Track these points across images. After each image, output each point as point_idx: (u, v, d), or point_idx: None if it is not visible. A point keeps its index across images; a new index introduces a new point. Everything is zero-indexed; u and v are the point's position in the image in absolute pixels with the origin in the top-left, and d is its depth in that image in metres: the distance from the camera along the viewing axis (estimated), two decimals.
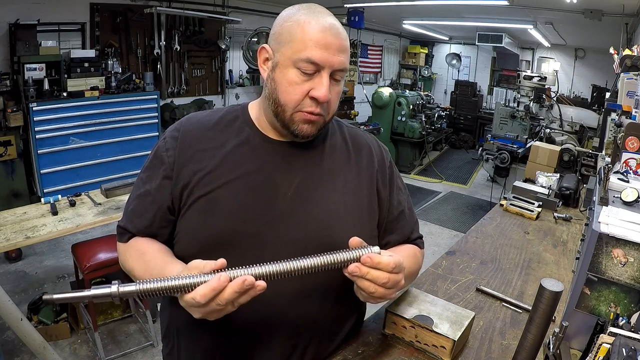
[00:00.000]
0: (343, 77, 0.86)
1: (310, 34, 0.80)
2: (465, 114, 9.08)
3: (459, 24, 6.99)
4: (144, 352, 2.55)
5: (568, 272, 1.48)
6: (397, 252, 0.96)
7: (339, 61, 0.82)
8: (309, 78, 0.81)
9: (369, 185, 0.96)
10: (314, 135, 0.87)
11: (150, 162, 0.93)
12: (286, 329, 0.89)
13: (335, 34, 0.82)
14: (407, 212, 1.04)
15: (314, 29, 0.80)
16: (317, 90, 0.81)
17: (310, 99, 0.82)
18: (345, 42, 0.84)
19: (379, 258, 0.76)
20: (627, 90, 2.02)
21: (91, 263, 2.29)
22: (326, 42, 0.80)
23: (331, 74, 0.82)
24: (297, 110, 0.83)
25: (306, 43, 0.80)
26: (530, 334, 0.74)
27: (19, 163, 3.76)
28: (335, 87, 0.85)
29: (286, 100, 0.83)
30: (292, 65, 0.81)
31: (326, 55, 0.80)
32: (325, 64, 0.80)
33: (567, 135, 5.19)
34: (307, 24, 0.81)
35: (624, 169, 1.38)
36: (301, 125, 0.84)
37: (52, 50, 3.86)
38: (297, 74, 0.81)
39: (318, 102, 0.82)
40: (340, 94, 0.89)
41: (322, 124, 0.87)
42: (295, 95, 0.82)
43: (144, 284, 0.67)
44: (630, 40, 4.53)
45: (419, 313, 0.99)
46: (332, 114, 0.88)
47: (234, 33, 5.66)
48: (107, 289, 0.66)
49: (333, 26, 0.82)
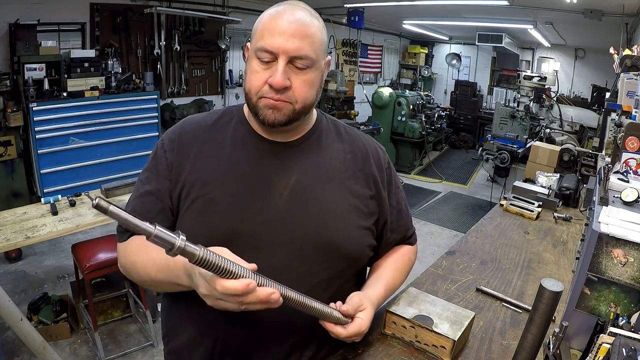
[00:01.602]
0: (309, 66, 0.83)
1: (267, 24, 0.82)
2: (465, 114, 9.08)
3: (459, 24, 6.99)
4: (144, 352, 2.55)
5: (568, 272, 1.48)
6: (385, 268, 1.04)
7: (294, 47, 0.80)
8: (268, 66, 0.82)
9: (365, 184, 0.96)
10: (283, 123, 0.85)
11: (149, 164, 0.94)
12: (285, 329, 0.89)
13: (292, 21, 0.81)
14: (404, 209, 1.07)
15: (273, 19, 0.82)
16: (272, 77, 0.81)
17: (269, 87, 0.82)
18: (304, 27, 0.81)
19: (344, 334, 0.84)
20: (627, 90, 2.02)
21: (91, 263, 2.29)
22: (280, 29, 0.80)
23: (291, 62, 0.81)
24: (260, 96, 0.83)
25: (263, 33, 0.82)
26: (530, 334, 0.74)
27: (19, 163, 3.76)
28: (300, 75, 0.83)
29: (249, 88, 0.84)
30: (254, 56, 0.83)
31: (279, 41, 0.80)
32: (278, 51, 0.80)
33: (567, 135, 5.19)
34: (269, 15, 0.83)
35: (624, 169, 1.38)
36: (265, 110, 0.84)
37: (52, 50, 3.86)
38: (257, 63, 0.83)
39: (275, 89, 0.81)
40: (314, 82, 0.85)
41: (292, 113, 0.84)
42: (256, 82, 0.83)
43: (206, 253, 0.64)
44: (630, 40, 4.53)
45: (419, 313, 0.99)
46: (302, 102, 0.85)
47: (234, 33, 5.66)
48: (173, 238, 0.61)
49: (293, 14, 0.82)
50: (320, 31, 0.85)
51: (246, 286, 0.65)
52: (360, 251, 0.95)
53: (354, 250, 0.93)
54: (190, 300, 0.89)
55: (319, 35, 0.84)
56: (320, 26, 0.86)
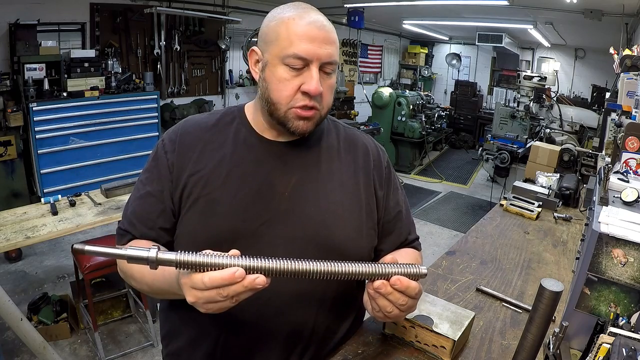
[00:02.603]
0: (334, 71, 0.86)
1: (295, 30, 0.81)
2: (465, 114, 9.08)
3: (459, 24, 6.99)
4: (144, 352, 2.55)
5: (568, 272, 1.48)
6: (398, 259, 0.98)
7: (326, 53, 0.81)
8: (299, 73, 0.81)
9: (365, 184, 0.96)
10: (311, 131, 0.87)
11: (149, 164, 0.93)
12: (285, 330, 0.89)
13: (320, 27, 0.82)
14: (404, 212, 1.04)
15: (298, 24, 0.81)
16: (307, 84, 0.81)
17: (302, 94, 0.82)
18: (331, 34, 0.83)
19: (408, 282, 0.75)
20: (627, 90, 2.02)
21: (91, 263, 2.29)
22: (311, 35, 0.80)
23: (320, 67, 0.82)
24: (290, 107, 0.83)
25: (291, 39, 0.80)
26: (530, 334, 0.74)
27: (19, 163, 3.76)
28: (327, 80, 0.85)
29: (278, 98, 0.83)
30: (280, 63, 0.82)
31: (312, 48, 0.80)
32: (312, 58, 0.80)
33: (567, 135, 5.19)
34: (291, 20, 0.82)
35: (624, 169, 1.38)
36: (296, 122, 0.84)
37: (52, 50, 3.86)
38: (286, 70, 0.81)
39: (310, 96, 0.82)
40: (333, 88, 0.88)
41: (319, 119, 0.87)
42: (286, 92, 0.82)
43: (183, 256, 0.64)
44: (630, 40, 4.53)
45: (419, 313, 0.99)
46: (327, 107, 0.87)
47: (234, 33, 5.65)
48: (145, 252, 0.64)
49: (317, 20, 0.83)
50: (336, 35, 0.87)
51: (232, 274, 0.64)
52: (361, 252, 0.95)
53: (354, 250, 0.93)
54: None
55: (337, 39, 0.87)
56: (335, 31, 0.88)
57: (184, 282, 0.68)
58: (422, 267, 0.77)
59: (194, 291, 0.66)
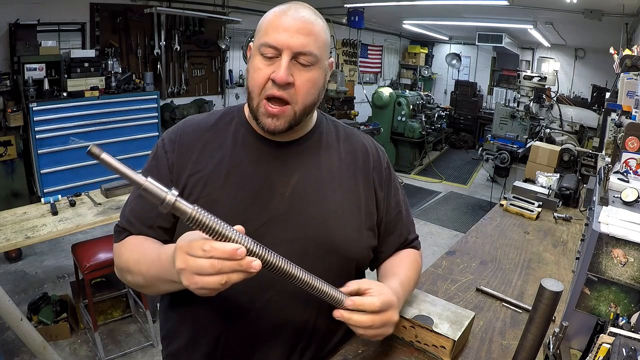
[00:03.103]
0: (312, 64, 0.82)
1: (272, 21, 0.82)
2: (465, 114, 9.08)
3: (459, 24, 6.99)
4: (144, 352, 2.55)
5: (568, 272, 1.48)
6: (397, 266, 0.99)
7: (299, 43, 0.80)
8: (271, 62, 0.81)
9: (365, 185, 0.96)
10: (284, 130, 0.84)
11: (149, 164, 0.93)
12: (285, 330, 0.89)
13: (297, 18, 0.81)
14: (404, 212, 1.05)
15: (277, 17, 0.82)
16: (275, 72, 0.80)
17: (272, 83, 0.81)
18: (309, 25, 0.82)
19: (361, 300, 0.76)
20: (627, 90, 2.02)
21: (91, 263, 2.29)
22: (285, 25, 0.80)
23: (296, 58, 0.81)
24: (262, 97, 0.82)
25: (267, 29, 0.82)
26: (530, 334, 0.74)
27: (19, 163, 3.76)
28: (303, 73, 0.82)
29: (252, 87, 0.84)
30: (257, 53, 0.83)
31: (284, 37, 0.80)
32: (282, 46, 0.80)
33: (567, 135, 5.19)
34: (272, 13, 0.83)
35: (624, 169, 1.38)
36: (264, 119, 0.83)
37: (52, 50, 3.86)
38: (260, 59, 0.82)
39: (278, 85, 0.81)
40: (316, 82, 0.85)
41: (292, 117, 0.84)
42: (258, 80, 0.82)
43: (199, 213, 0.61)
44: (630, 40, 4.53)
45: (419, 313, 0.99)
46: (303, 103, 0.84)
47: (234, 33, 5.66)
48: (165, 192, 0.59)
49: (297, 12, 0.82)
50: (324, 31, 0.85)
51: (234, 250, 0.62)
52: (361, 252, 0.95)
53: (354, 251, 0.93)
54: (188, 301, 0.89)
55: (323, 34, 0.85)
56: (324, 26, 0.86)
57: (180, 246, 0.66)
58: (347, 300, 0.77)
59: (187, 257, 0.64)
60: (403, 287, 0.91)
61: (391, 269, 0.99)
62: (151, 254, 0.80)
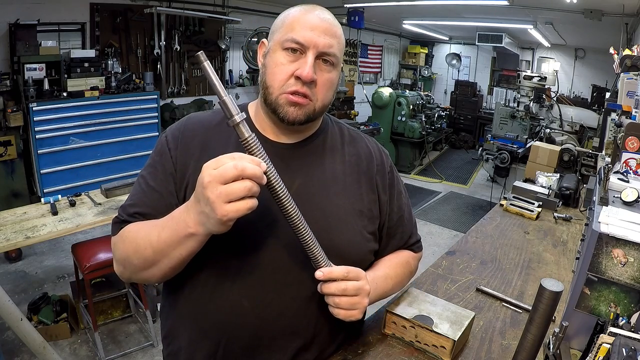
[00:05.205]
0: (333, 65, 0.85)
1: (298, 18, 0.84)
2: (465, 114, 9.08)
3: (459, 24, 6.99)
4: (144, 352, 2.55)
5: (568, 272, 1.48)
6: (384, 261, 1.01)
7: (325, 43, 0.82)
8: (295, 59, 0.82)
9: (368, 189, 0.96)
10: (302, 122, 0.85)
11: (152, 159, 0.92)
12: (287, 331, 0.89)
13: (323, 19, 0.84)
14: (406, 216, 1.05)
15: (303, 15, 0.84)
16: (301, 69, 0.81)
17: (295, 79, 0.82)
18: (334, 28, 0.85)
19: (329, 269, 0.81)
20: (627, 90, 2.02)
21: (91, 263, 2.29)
22: (312, 24, 0.82)
23: (318, 57, 0.82)
24: (282, 92, 0.83)
25: (293, 26, 0.83)
26: (530, 334, 0.74)
27: (19, 163, 3.76)
28: (325, 73, 0.84)
29: (272, 82, 0.84)
30: (280, 48, 0.83)
31: (311, 35, 0.81)
32: (309, 44, 0.81)
33: (567, 135, 5.19)
34: (296, 11, 0.85)
35: (624, 169, 1.38)
36: (286, 108, 0.84)
37: (52, 50, 3.86)
38: (284, 55, 0.83)
39: (302, 82, 0.81)
40: (332, 84, 0.87)
41: (312, 112, 0.85)
42: (281, 76, 0.83)
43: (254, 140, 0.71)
44: (630, 40, 4.53)
45: (419, 313, 0.99)
46: (322, 101, 0.86)
47: (234, 33, 5.65)
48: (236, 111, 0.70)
49: (322, 14, 0.85)
50: (343, 36, 0.88)
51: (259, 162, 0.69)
52: (363, 255, 0.95)
53: (356, 254, 0.92)
54: (190, 301, 0.89)
55: (342, 39, 0.88)
56: (342, 31, 0.88)
57: (208, 165, 0.69)
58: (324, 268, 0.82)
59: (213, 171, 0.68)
60: (376, 280, 0.93)
61: (373, 265, 1.00)
62: (161, 220, 0.79)
